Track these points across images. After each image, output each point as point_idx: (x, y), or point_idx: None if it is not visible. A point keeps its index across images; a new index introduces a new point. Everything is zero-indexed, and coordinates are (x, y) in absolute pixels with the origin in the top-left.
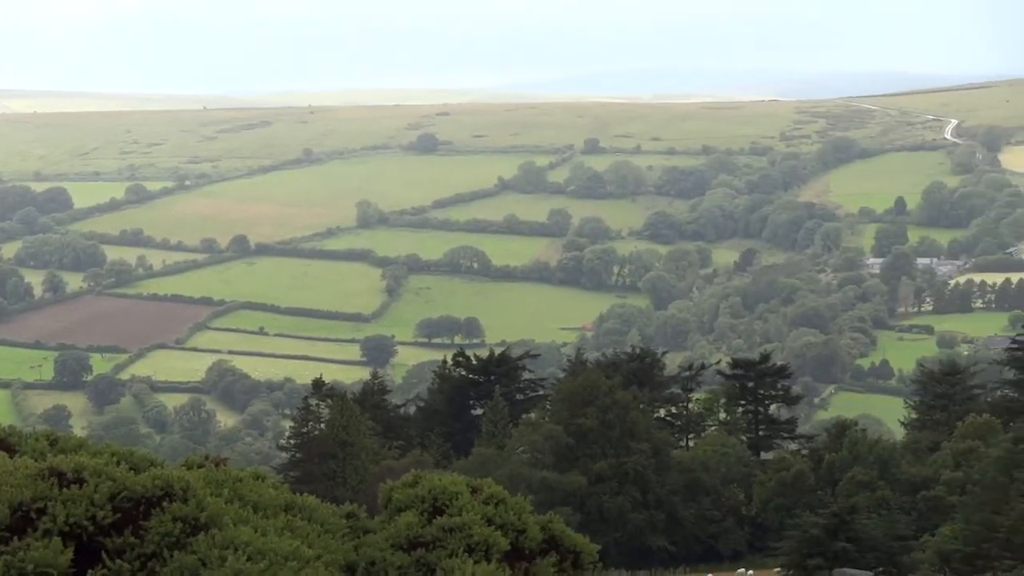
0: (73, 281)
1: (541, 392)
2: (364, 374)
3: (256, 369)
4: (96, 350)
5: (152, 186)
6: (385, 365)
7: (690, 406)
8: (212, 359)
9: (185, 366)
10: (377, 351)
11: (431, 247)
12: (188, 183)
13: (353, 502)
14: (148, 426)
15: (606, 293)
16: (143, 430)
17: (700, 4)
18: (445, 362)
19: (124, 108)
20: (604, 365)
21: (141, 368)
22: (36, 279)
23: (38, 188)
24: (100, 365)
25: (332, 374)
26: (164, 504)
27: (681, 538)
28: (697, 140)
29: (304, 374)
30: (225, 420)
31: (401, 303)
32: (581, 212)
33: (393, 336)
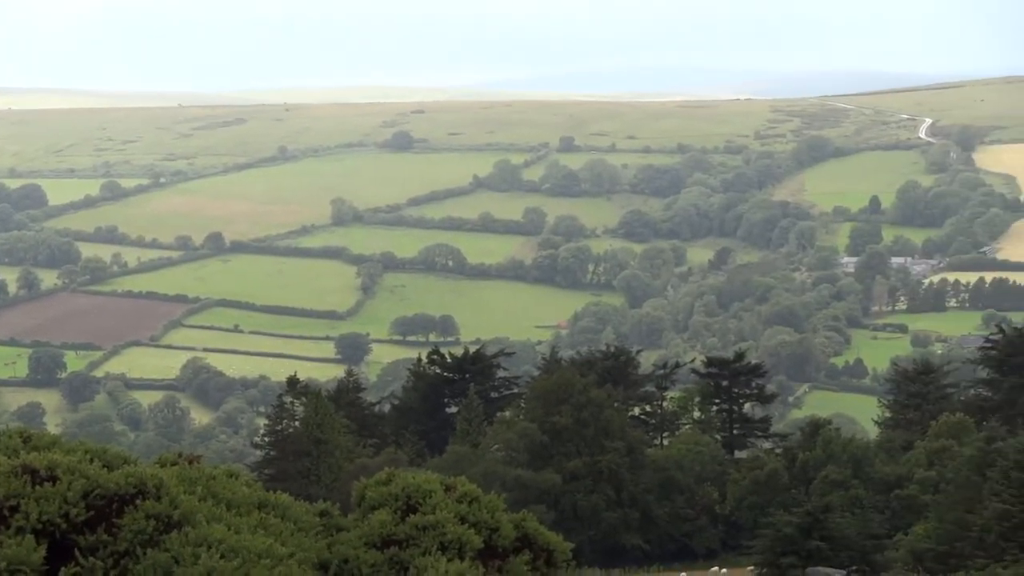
0: (48, 278)
1: (516, 390)
2: (339, 372)
3: (231, 367)
4: (70, 347)
5: (127, 183)
6: (360, 363)
7: (664, 404)
8: (187, 357)
9: (160, 363)
10: (352, 349)
11: (406, 245)
12: (163, 180)
13: (327, 500)
14: (122, 423)
15: (581, 291)
16: (117, 427)
17: (675, 3)
18: (420, 360)
19: (99, 105)
20: (579, 363)
21: (115, 365)
22: (10, 276)
23: (12, 185)
24: (74, 362)
25: (307, 372)
26: (137, 502)
27: (655, 536)
28: (672, 139)
29: (279, 372)
30: (199, 418)
31: (376, 301)
32: (556, 210)
33: (368, 334)
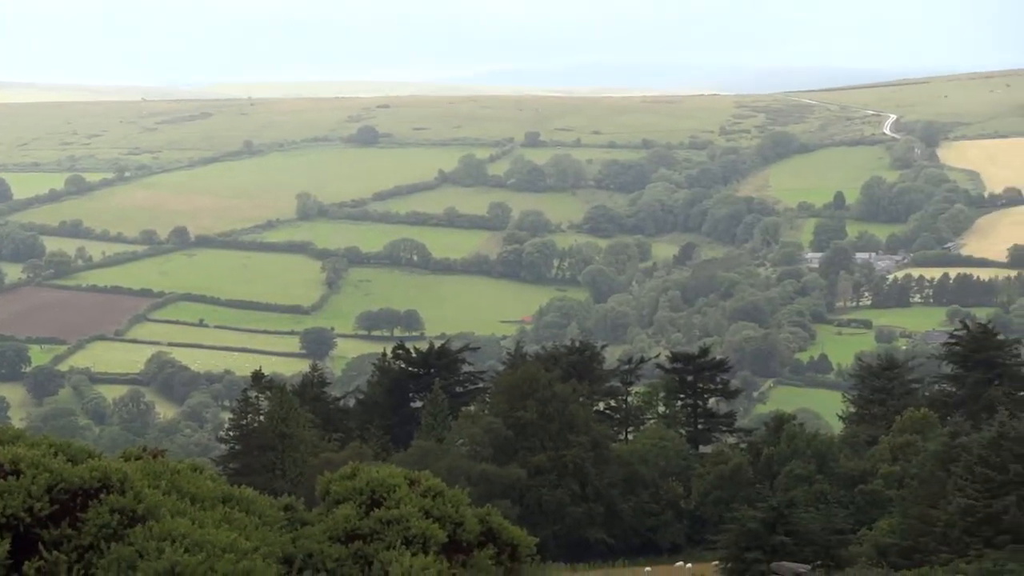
0: (12, 272)
1: (481, 385)
2: (303, 366)
3: (196, 361)
4: (35, 341)
5: (92, 177)
6: (324, 357)
7: (629, 399)
8: (151, 351)
9: (124, 358)
10: (317, 343)
11: (371, 239)
12: (128, 174)
13: (292, 494)
14: (87, 418)
15: (546, 286)
16: (82, 422)
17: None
18: (385, 355)
19: (64, 99)
20: (544, 358)
21: (80, 359)
22: None
23: None
24: (39, 356)
25: (271, 366)
26: (101, 496)
27: (620, 531)
28: (637, 134)
29: (243, 366)
30: (164, 412)
31: (341, 295)
32: (521, 205)
33: (333, 328)
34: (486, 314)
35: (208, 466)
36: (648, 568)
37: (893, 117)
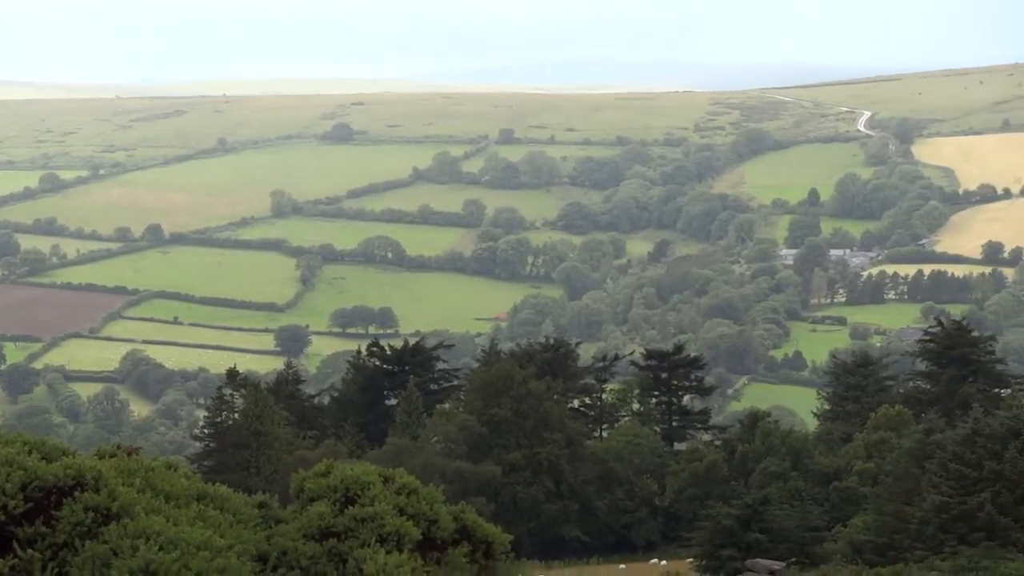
0: None
1: (455, 382)
2: (278, 364)
3: (170, 358)
4: (9, 339)
5: (66, 175)
6: (299, 355)
7: (604, 397)
8: (126, 348)
9: (99, 355)
10: (291, 341)
11: (345, 237)
12: (103, 172)
13: (266, 492)
14: (61, 415)
15: (520, 283)
16: (56, 419)
17: None
18: (359, 352)
19: (37, 97)
20: (518, 355)
21: (55, 357)
22: None
23: None
24: (13, 354)
25: (246, 364)
26: (76, 494)
27: (594, 528)
28: (611, 131)
29: (218, 364)
30: (139, 409)
31: (315, 293)
32: (495, 202)
33: (307, 326)
34: (460, 311)
35: (183, 464)
36: (623, 566)
37: (867, 114)
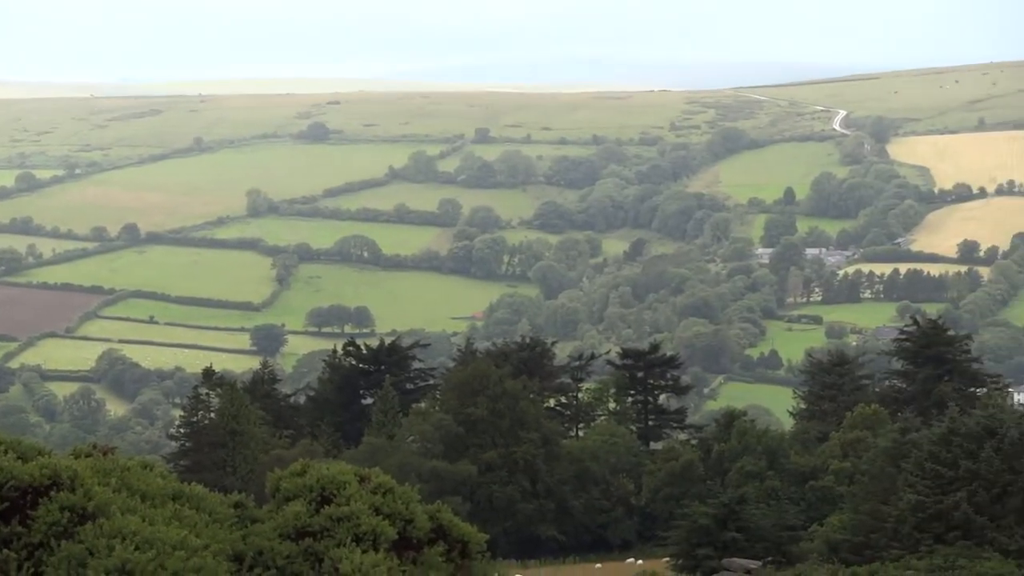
0: None
1: (431, 382)
2: (254, 363)
3: (146, 358)
4: None
5: (42, 174)
6: (275, 354)
7: (580, 396)
8: (102, 348)
9: (75, 355)
10: (267, 340)
11: (321, 236)
12: (79, 171)
13: (242, 491)
14: (38, 415)
15: (496, 282)
16: (33, 419)
17: None
18: (335, 351)
19: (13, 96)
20: (494, 354)
21: (31, 357)
22: None
23: None
24: None
25: (222, 363)
26: (52, 493)
27: (571, 528)
28: (587, 130)
29: (194, 363)
30: (115, 409)
31: (291, 292)
32: (471, 202)
33: (283, 325)
34: (437, 311)
35: (158, 463)
36: (599, 565)
37: (843, 113)
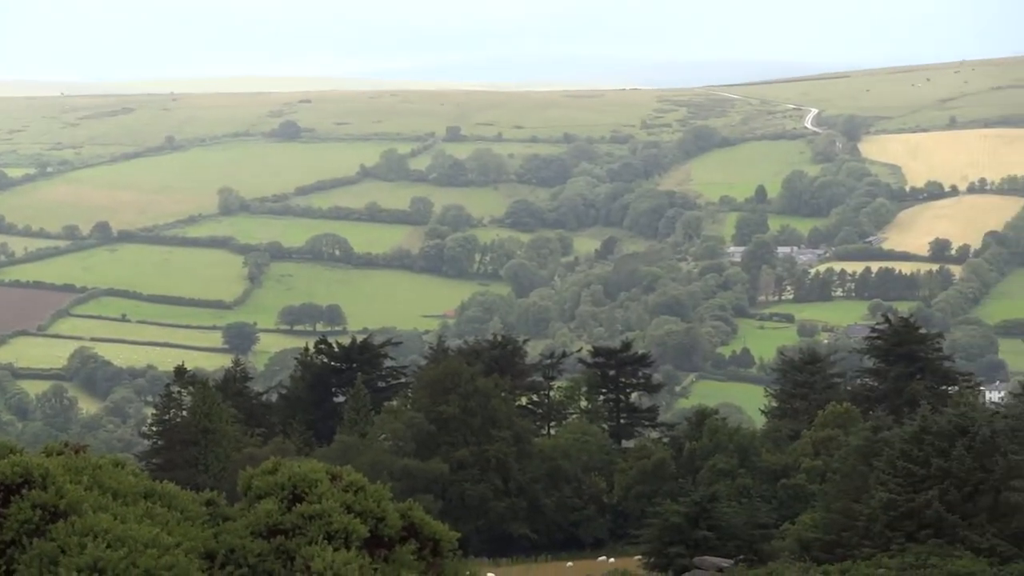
0: None
1: (403, 380)
2: (226, 361)
3: (118, 356)
4: None
5: (13, 172)
6: (247, 352)
7: (551, 394)
8: (74, 346)
9: (47, 353)
10: (239, 338)
11: (293, 234)
12: (50, 170)
13: (214, 489)
14: (10, 413)
15: (468, 281)
16: (5, 417)
17: None
18: (307, 349)
19: None
20: (466, 352)
21: (2, 355)
22: None
23: None
24: None
25: (194, 361)
26: (23, 491)
27: (543, 526)
28: (558, 128)
29: (166, 361)
30: (87, 407)
31: (263, 290)
32: (443, 200)
33: (255, 323)
34: (408, 309)
35: (130, 461)
36: (570, 563)
37: (814, 111)
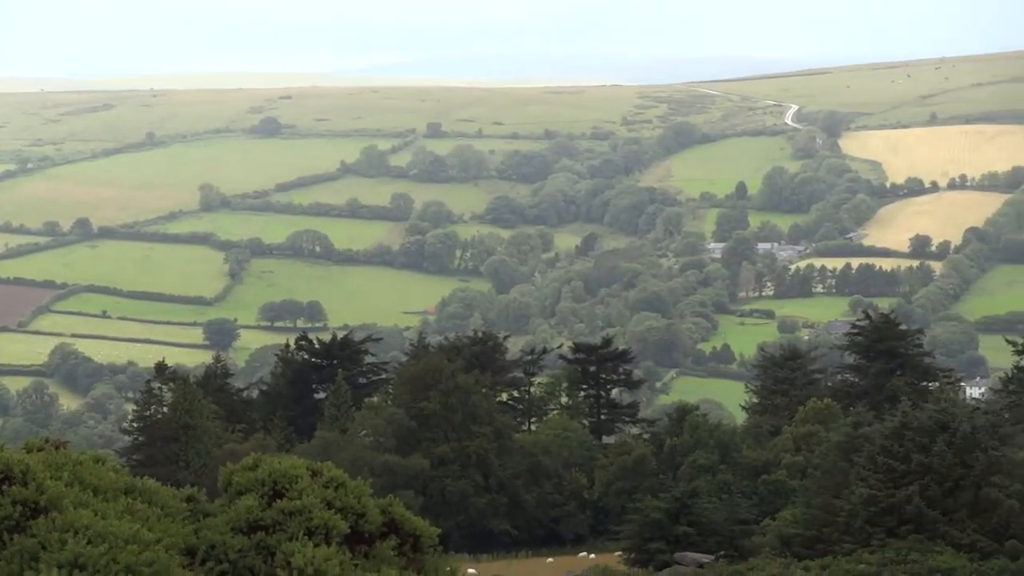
0: None
1: (384, 376)
2: (207, 358)
3: (99, 352)
4: None
5: None
6: (228, 349)
7: (532, 390)
8: (55, 342)
9: (27, 349)
10: (220, 335)
11: (273, 230)
12: (31, 166)
13: (195, 485)
14: None
15: (448, 277)
16: None
17: None
18: (288, 346)
19: None
20: (446, 349)
21: None
22: None
23: None
24: None
25: (175, 357)
26: (3, 487)
27: (523, 522)
28: (539, 124)
29: (147, 357)
30: (68, 403)
31: (244, 286)
32: (423, 196)
33: (236, 320)
34: (389, 305)
35: (111, 457)
36: (551, 559)
37: (795, 107)
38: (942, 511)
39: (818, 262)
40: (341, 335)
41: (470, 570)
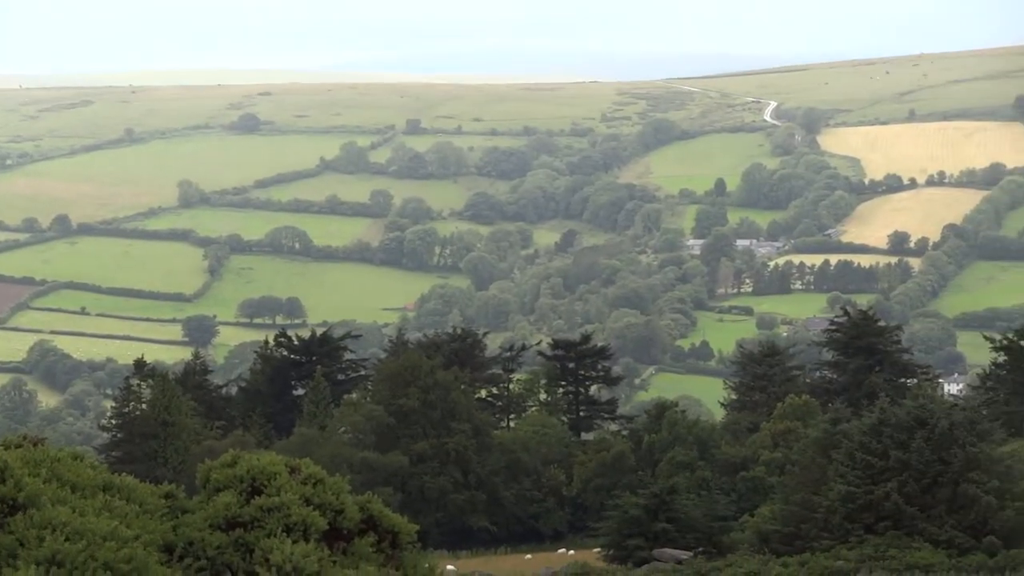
0: None
1: (363, 373)
2: (186, 354)
3: (78, 349)
4: None
5: None
6: (207, 345)
7: (511, 387)
8: (33, 339)
9: (6, 346)
10: (199, 331)
11: (253, 227)
12: (9, 163)
13: (174, 482)
14: None
15: (428, 274)
16: None
17: None
18: (267, 342)
19: None
20: (425, 345)
21: None
22: None
23: None
24: None
25: (154, 354)
26: None
27: (502, 519)
28: (518, 121)
29: (126, 354)
30: (47, 400)
31: (223, 283)
32: (403, 193)
33: (215, 316)
34: (368, 301)
35: (89, 454)
36: (530, 556)
37: (773, 104)
38: (920, 507)
39: (797, 259)
40: (320, 332)
41: (449, 567)
